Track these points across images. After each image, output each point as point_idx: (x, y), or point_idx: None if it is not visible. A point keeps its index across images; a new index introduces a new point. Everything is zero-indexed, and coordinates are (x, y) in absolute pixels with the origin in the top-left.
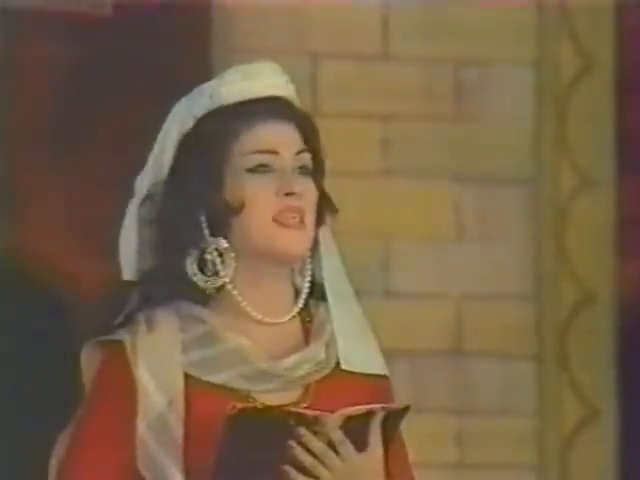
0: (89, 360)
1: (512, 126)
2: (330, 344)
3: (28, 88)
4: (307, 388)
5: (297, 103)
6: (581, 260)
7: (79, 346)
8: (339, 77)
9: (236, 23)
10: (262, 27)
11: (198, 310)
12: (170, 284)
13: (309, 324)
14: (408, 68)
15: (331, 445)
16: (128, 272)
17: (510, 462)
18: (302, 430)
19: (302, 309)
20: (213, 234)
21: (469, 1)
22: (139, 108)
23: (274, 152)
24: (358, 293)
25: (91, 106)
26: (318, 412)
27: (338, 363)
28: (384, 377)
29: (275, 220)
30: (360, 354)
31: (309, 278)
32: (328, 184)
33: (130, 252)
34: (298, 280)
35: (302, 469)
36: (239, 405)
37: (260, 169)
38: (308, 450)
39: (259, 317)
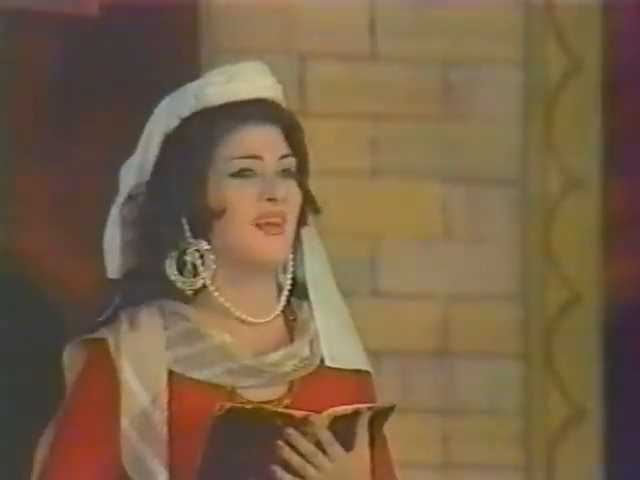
0: (72, 359)
1: (499, 126)
2: (314, 342)
3: (18, 87)
4: (291, 385)
5: (284, 104)
6: (568, 260)
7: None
8: (327, 77)
9: (223, 23)
10: (250, 27)
11: (182, 307)
12: (152, 284)
13: (293, 322)
14: (396, 68)
15: (319, 445)
16: (112, 271)
17: (496, 462)
18: (290, 430)
19: (286, 307)
20: (195, 236)
21: (456, 1)
22: (127, 108)
23: (258, 157)
24: (346, 293)
25: (77, 106)
26: (306, 412)
27: (322, 360)
28: (366, 373)
29: (255, 225)
30: (343, 350)
31: (291, 275)
32: (316, 184)
33: (114, 251)
34: (281, 278)
35: (290, 469)
36: (227, 405)
37: (243, 174)
38: (296, 450)
39: (243, 316)
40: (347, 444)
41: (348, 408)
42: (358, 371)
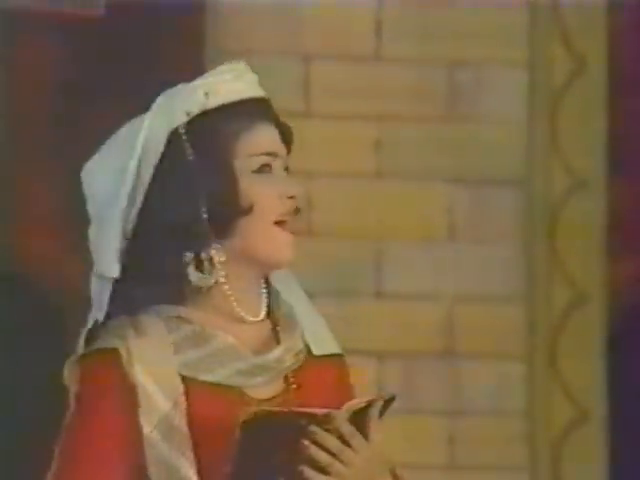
0: (76, 372)
1: (504, 127)
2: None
3: (19, 88)
4: (286, 379)
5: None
6: (573, 261)
7: (68, 347)
8: (332, 78)
9: (228, 24)
10: (254, 28)
11: (183, 310)
12: (152, 284)
13: (274, 318)
14: (401, 69)
15: (342, 440)
16: (109, 270)
17: (501, 463)
18: (314, 428)
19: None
20: (217, 235)
21: (462, 2)
22: (130, 109)
23: (274, 154)
24: (350, 294)
25: (78, 106)
26: (327, 410)
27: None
28: (340, 356)
29: (276, 223)
30: (323, 337)
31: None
32: (322, 185)
33: (110, 251)
34: None
35: (318, 467)
36: (253, 410)
37: (263, 170)
38: (322, 447)
39: (246, 316)
40: (364, 436)
41: (362, 401)
42: (332, 355)
